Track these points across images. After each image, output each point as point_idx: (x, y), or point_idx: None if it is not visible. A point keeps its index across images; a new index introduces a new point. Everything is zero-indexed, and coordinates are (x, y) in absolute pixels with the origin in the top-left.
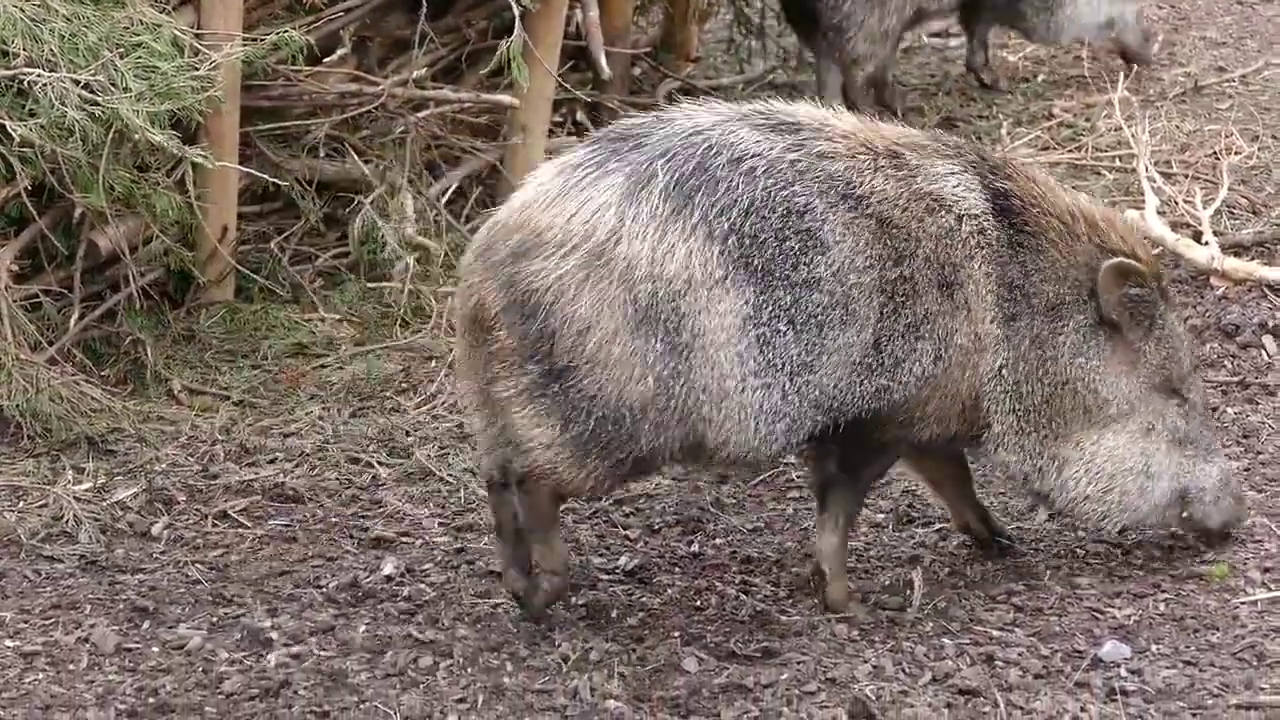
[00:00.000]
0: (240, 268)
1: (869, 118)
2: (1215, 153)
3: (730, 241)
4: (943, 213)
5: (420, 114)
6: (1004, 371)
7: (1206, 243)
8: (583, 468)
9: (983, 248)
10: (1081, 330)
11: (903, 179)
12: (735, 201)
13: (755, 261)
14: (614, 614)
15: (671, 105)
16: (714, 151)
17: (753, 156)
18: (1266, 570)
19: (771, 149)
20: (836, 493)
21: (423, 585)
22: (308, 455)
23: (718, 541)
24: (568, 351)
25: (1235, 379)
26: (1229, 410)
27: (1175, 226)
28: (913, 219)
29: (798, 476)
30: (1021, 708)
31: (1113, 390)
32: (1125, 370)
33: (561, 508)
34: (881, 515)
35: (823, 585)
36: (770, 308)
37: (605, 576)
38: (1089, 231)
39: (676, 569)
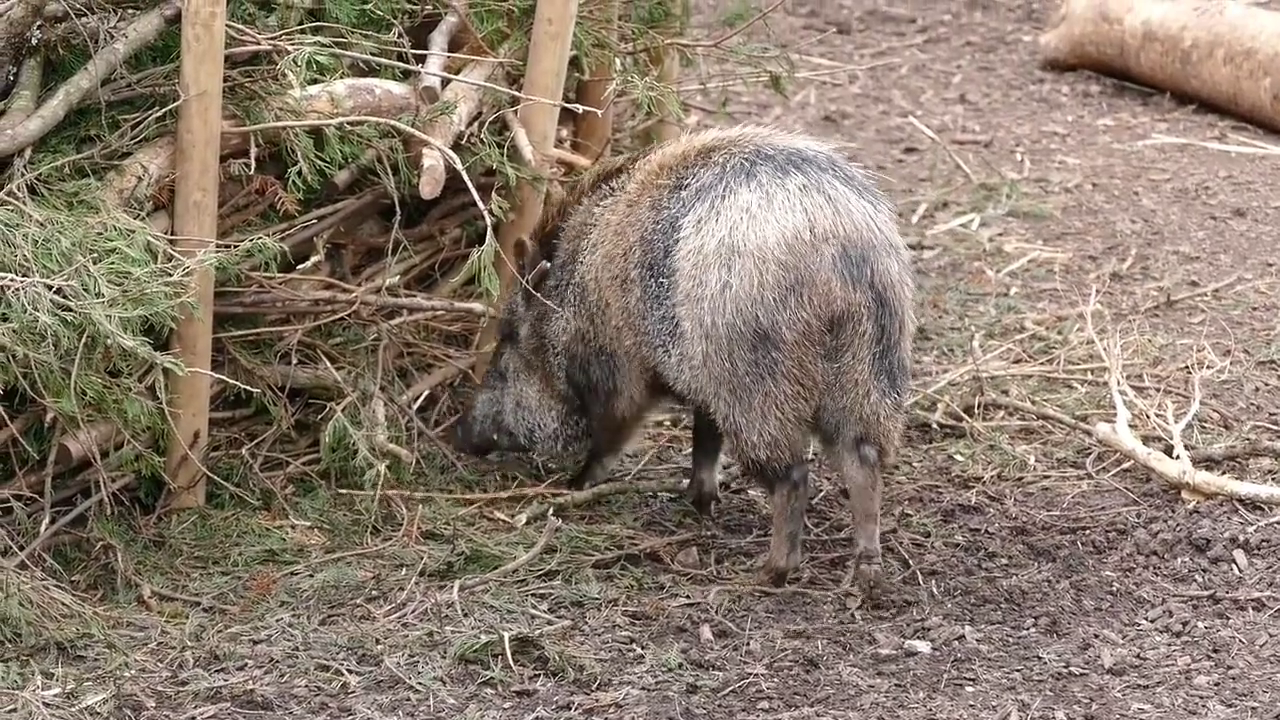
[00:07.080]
0: (211, 474)
1: None
2: (1187, 367)
3: None
4: None
5: (393, 321)
6: None
7: (1178, 456)
8: None
9: None
10: None
11: None
12: None
13: None
14: None
15: None
16: None
17: None
18: None
19: None
20: None
21: None
22: (277, 662)
23: None
24: None
25: (1206, 593)
26: (1199, 624)
27: (1147, 440)
28: None
29: (768, 687)
30: None
31: None
32: None
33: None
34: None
35: None
36: None
37: None
38: None
39: None
